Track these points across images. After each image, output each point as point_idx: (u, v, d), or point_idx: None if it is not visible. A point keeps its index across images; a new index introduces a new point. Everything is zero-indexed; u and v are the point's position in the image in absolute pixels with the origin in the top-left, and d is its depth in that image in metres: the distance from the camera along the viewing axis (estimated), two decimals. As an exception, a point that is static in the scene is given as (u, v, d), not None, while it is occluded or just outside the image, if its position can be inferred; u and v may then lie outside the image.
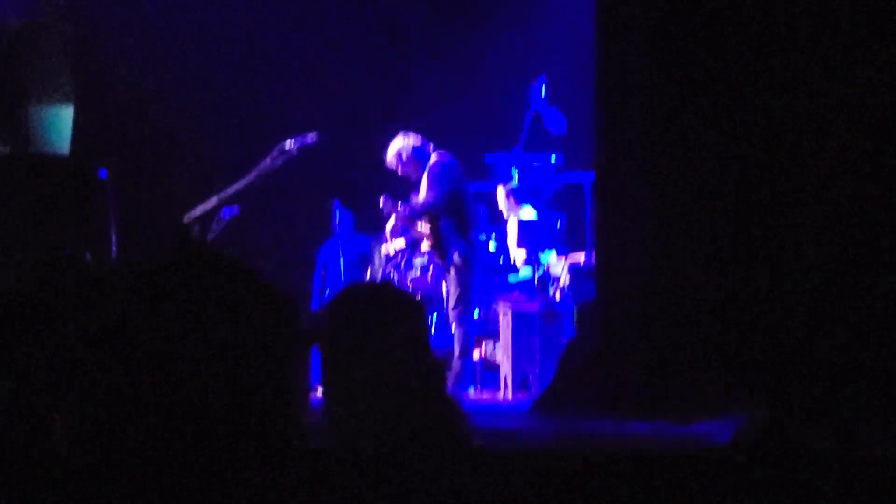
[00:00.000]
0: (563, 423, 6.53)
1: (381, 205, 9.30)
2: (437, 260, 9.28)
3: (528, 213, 10.30)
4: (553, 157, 10.62)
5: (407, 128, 9.36)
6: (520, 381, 9.10)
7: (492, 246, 10.19)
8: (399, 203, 9.23)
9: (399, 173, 9.23)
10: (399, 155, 9.13)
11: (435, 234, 9.06)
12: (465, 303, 8.87)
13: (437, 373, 2.87)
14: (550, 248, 10.00)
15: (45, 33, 10.73)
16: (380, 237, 10.49)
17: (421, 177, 9.12)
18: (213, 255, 1.64)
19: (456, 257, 8.90)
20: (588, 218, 9.47)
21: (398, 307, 2.88)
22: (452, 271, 8.98)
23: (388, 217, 9.42)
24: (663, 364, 6.67)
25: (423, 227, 9.16)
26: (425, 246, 9.36)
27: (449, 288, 9.12)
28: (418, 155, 9.12)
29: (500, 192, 10.40)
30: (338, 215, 10.91)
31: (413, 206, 9.09)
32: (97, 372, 1.53)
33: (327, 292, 11.37)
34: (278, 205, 11.30)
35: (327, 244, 11.36)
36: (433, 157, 9.07)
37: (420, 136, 9.22)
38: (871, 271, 6.30)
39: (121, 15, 11.27)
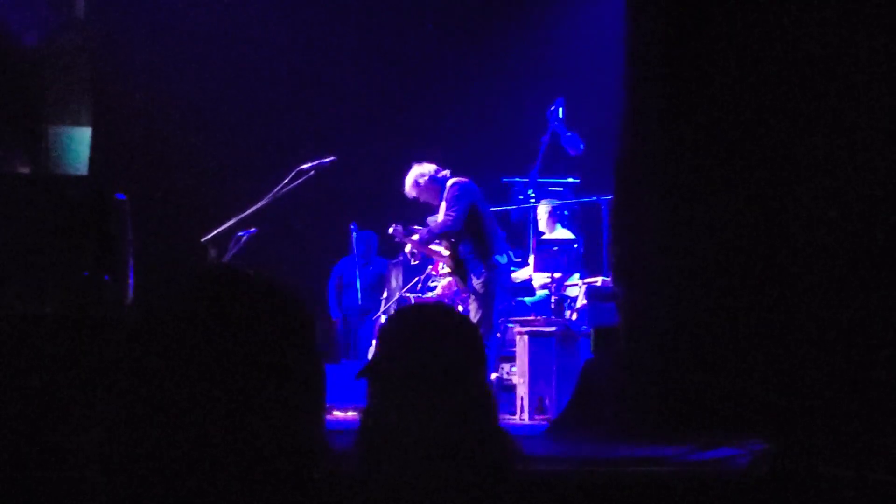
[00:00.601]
0: (580, 447, 6.52)
1: (391, 233, 9.35)
2: (457, 283, 9.28)
3: (564, 234, 10.35)
4: (570, 179, 10.66)
5: (424, 150, 9.40)
6: (536, 403, 9.09)
7: (525, 272, 10.20)
8: (412, 230, 9.26)
9: (420, 200, 9.26)
10: (416, 183, 9.16)
11: (455, 257, 9.08)
12: (486, 326, 8.86)
13: (492, 404, 2.80)
14: (567, 269, 10.01)
15: (64, 56, 10.81)
16: (398, 261, 10.51)
17: (437, 200, 9.17)
18: (235, 273, 1.63)
19: (476, 281, 8.91)
20: (605, 240, 9.48)
21: (456, 333, 2.81)
22: (472, 295, 8.99)
23: (402, 245, 9.46)
24: (681, 388, 6.65)
25: (442, 249, 9.18)
26: (445, 269, 9.37)
27: (468, 311, 9.12)
28: (435, 180, 9.15)
29: (543, 209, 10.44)
30: (354, 238, 10.93)
31: (431, 229, 9.11)
32: (124, 394, 1.52)
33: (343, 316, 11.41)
34: (296, 227, 11.34)
35: (344, 260, 11.39)
36: (451, 181, 9.10)
37: (434, 164, 9.25)
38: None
39: (139, 39, 11.34)
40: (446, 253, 9.13)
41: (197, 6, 11.43)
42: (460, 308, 9.45)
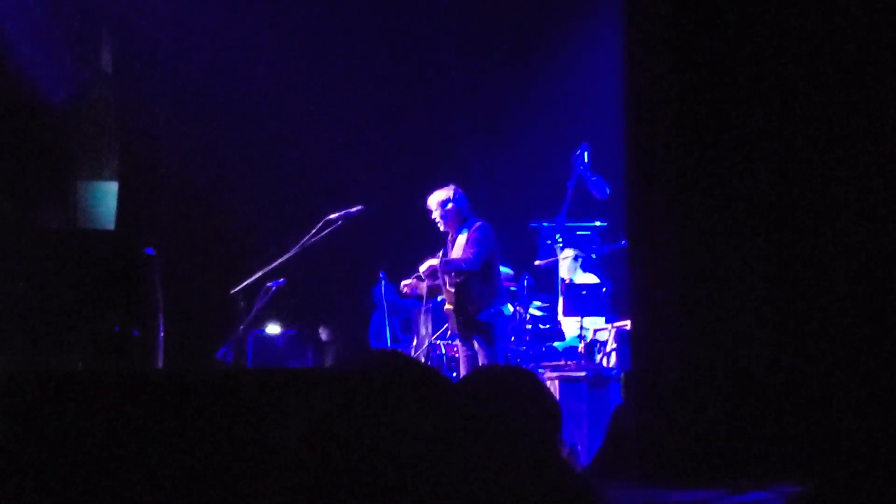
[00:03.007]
0: (613, 492, 6.46)
1: (408, 289, 9.38)
2: (453, 321, 9.23)
3: (590, 279, 10.33)
4: (598, 223, 10.65)
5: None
6: (567, 448, 9.02)
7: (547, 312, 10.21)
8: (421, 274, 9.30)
9: (436, 219, 9.27)
10: (445, 203, 9.20)
11: (459, 295, 9.06)
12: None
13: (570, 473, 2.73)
14: (596, 314, 9.98)
15: (92, 112, 10.91)
16: (427, 308, 10.50)
17: (453, 230, 9.22)
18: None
19: (475, 325, 8.94)
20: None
21: (536, 401, 2.76)
22: (475, 341, 9.01)
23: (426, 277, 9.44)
24: (712, 432, 6.59)
25: (447, 286, 9.15)
26: (447, 306, 9.35)
27: (462, 353, 9.16)
28: (463, 210, 9.20)
29: (567, 256, 10.45)
30: (383, 287, 10.95)
31: (452, 261, 9.09)
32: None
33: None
34: (324, 276, 11.36)
35: (375, 316, 11.41)
36: (479, 222, 9.14)
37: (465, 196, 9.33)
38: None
39: (165, 93, 11.42)
40: (451, 290, 9.12)
41: (222, 59, 11.51)
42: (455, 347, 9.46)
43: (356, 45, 12.07)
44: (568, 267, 10.55)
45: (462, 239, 9.13)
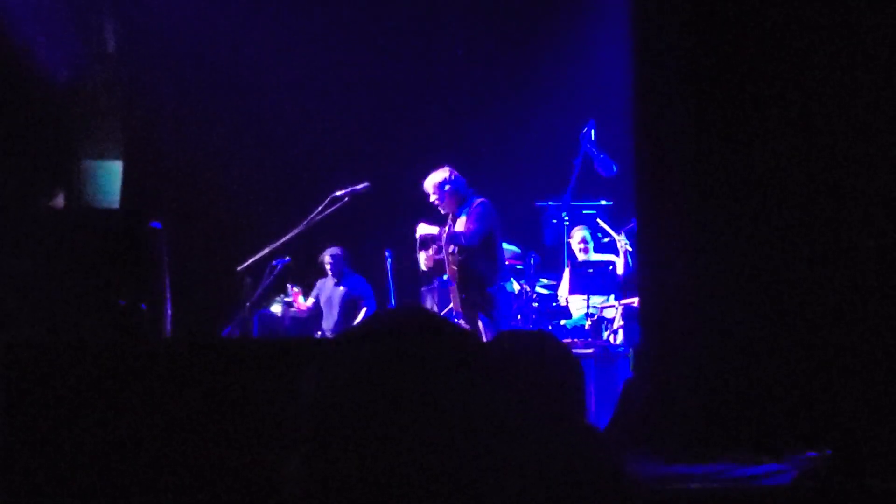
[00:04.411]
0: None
1: (426, 261, 9.35)
2: (457, 298, 9.21)
3: (602, 257, 10.32)
4: (604, 201, 10.62)
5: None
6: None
7: (566, 292, 10.17)
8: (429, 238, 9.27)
9: (434, 202, 9.23)
10: (442, 185, 9.16)
11: (462, 273, 9.04)
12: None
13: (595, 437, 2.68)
14: (603, 291, 9.97)
15: (95, 91, 10.88)
16: (432, 287, 10.47)
17: (455, 211, 9.18)
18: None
19: (478, 301, 8.91)
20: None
21: (560, 363, 2.71)
22: (478, 319, 8.99)
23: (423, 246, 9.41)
24: (723, 403, 6.58)
25: (452, 263, 9.13)
26: (450, 283, 9.33)
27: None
28: (461, 190, 9.16)
29: (577, 234, 10.44)
30: (389, 264, 10.93)
31: (454, 233, 9.06)
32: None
33: None
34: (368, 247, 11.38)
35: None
36: (479, 199, 9.11)
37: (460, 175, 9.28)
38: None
39: (168, 71, 11.39)
40: (454, 267, 9.10)
41: (226, 37, 11.47)
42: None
43: (363, 20, 12.02)
44: (578, 247, 10.55)
45: (463, 218, 9.11)
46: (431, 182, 9.20)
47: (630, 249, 10.24)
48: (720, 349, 6.72)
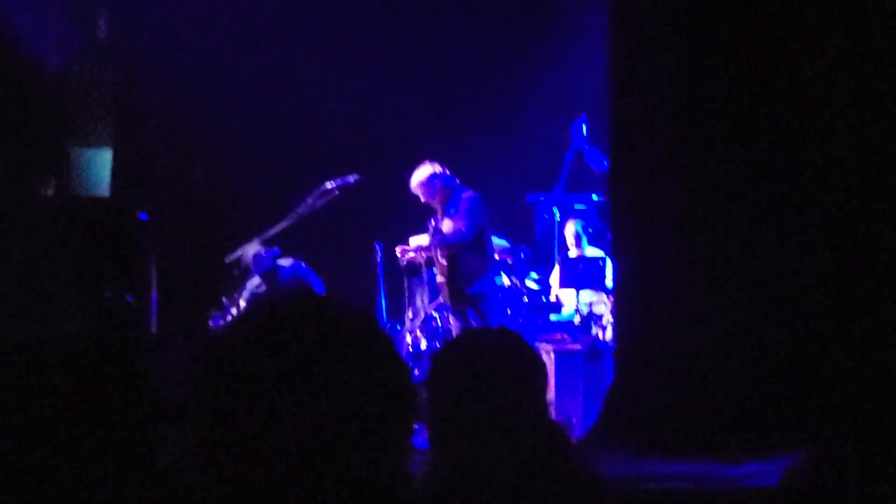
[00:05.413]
0: (608, 465, 6.43)
1: (402, 257, 9.29)
2: (446, 293, 9.17)
3: (593, 252, 10.29)
4: (594, 196, 10.58)
5: (447, 167, 9.32)
6: (563, 421, 8.98)
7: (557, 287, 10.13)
8: (411, 246, 9.21)
9: (424, 199, 9.14)
10: (431, 181, 9.03)
11: (451, 267, 8.99)
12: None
13: (559, 436, 2.68)
14: (593, 287, 9.93)
15: (86, 78, 10.83)
16: (421, 278, 10.44)
17: (445, 205, 9.07)
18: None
19: (469, 296, 8.88)
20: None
21: (519, 362, 2.69)
22: (467, 314, 8.96)
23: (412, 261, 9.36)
24: (707, 404, 6.56)
25: (439, 258, 9.07)
26: (439, 278, 9.28)
27: (455, 325, 9.10)
28: (449, 183, 9.07)
29: (570, 227, 10.40)
30: (379, 256, 10.87)
31: (444, 236, 8.98)
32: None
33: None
34: (319, 246, 11.28)
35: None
36: (468, 192, 9.03)
37: (444, 167, 9.18)
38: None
39: (159, 59, 11.33)
40: (443, 262, 9.04)
41: (217, 26, 11.42)
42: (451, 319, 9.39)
43: (354, 13, 11.98)
44: (572, 240, 10.52)
45: (448, 219, 9.02)
46: (419, 181, 9.05)
47: None
48: (702, 346, 6.71)
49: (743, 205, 6.68)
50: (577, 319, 9.71)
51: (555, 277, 10.31)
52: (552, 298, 10.44)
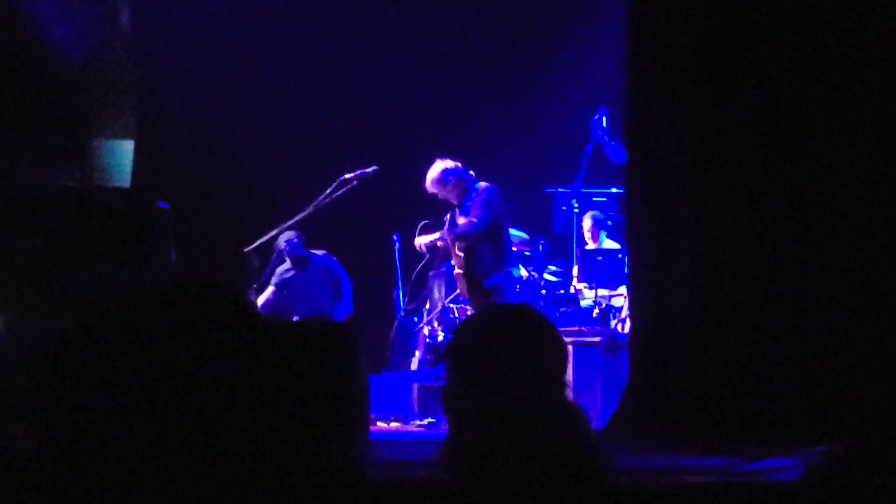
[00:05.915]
0: (627, 458, 6.42)
1: (420, 248, 9.29)
2: (463, 285, 9.17)
3: (610, 245, 10.28)
4: (614, 189, 10.57)
5: (466, 159, 9.32)
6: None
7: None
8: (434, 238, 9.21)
9: (440, 196, 9.14)
10: (446, 178, 9.04)
11: (468, 260, 8.99)
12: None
13: (577, 416, 2.65)
14: (611, 279, 9.92)
15: (109, 70, 10.87)
16: (440, 272, 10.44)
17: (462, 199, 9.07)
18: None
19: (485, 288, 8.86)
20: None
21: (539, 337, 2.67)
22: (474, 302, 8.97)
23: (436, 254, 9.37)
24: (727, 398, 6.54)
25: (456, 250, 9.07)
26: (456, 270, 9.28)
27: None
28: (464, 177, 9.06)
29: (587, 221, 10.39)
30: (397, 248, 10.89)
31: (457, 231, 8.98)
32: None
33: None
34: (338, 237, 11.31)
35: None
36: (482, 184, 9.03)
37: (457, 162, 9.16)
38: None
39: (182, 51, 11.37)
40: (460, 254, 9.04)
41: (239, 19, 11.45)
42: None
43: (375, 6, 11.99)
44: (590, 233, 10.51)
45: (469, 205, 9.02)
46: (434, 179, 9.05)
47: None
48: (721, 339, 6.69)
49: (761, 199, 6.66)
50: (595, 312, 9.69)
51: (576, 270, 10.30)
52: (572, 291, 10.43)
